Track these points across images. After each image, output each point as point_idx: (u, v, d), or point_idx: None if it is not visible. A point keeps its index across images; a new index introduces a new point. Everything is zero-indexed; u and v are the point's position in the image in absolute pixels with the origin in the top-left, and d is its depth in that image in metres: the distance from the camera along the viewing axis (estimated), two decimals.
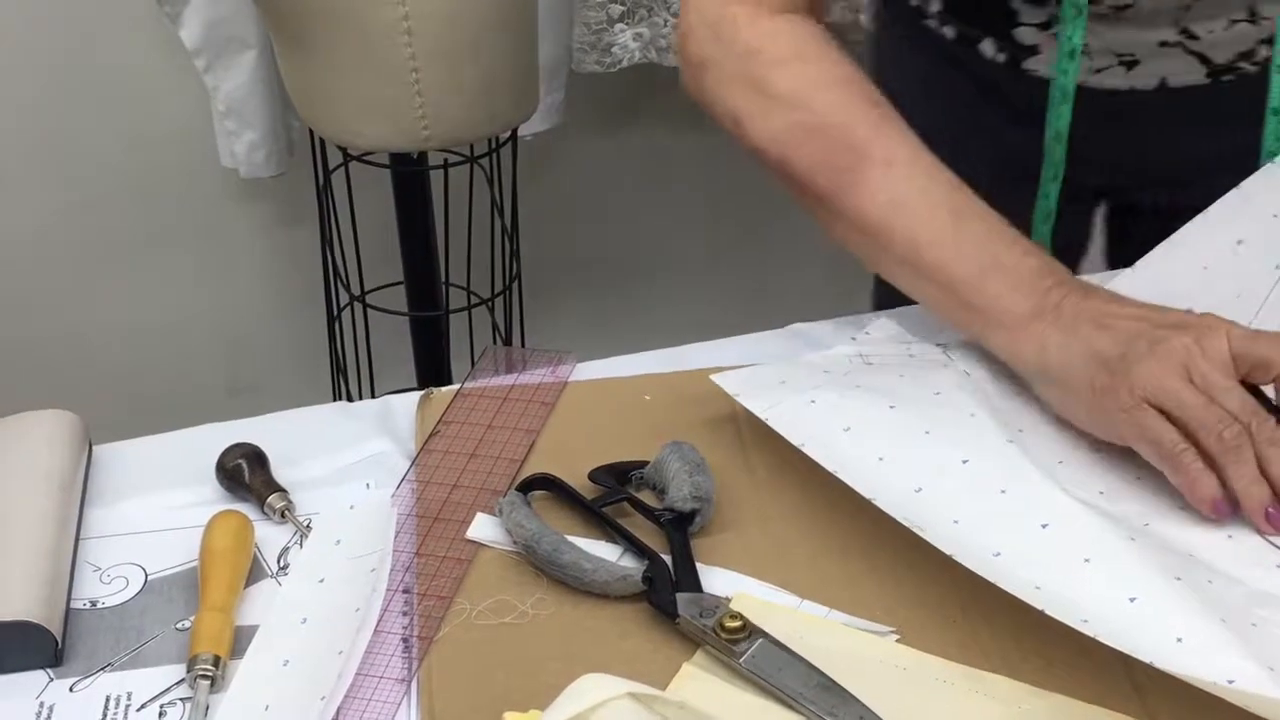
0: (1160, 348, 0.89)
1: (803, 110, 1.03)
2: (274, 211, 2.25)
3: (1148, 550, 0.84)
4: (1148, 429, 0.88)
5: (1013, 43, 1.21)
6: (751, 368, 1.01)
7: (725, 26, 1.06)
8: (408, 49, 1.67)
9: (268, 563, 0.93)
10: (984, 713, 0.80)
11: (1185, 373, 0.89)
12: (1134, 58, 1.18)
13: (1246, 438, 0.87)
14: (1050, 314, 0.94)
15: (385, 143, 1.80)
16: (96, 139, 2.13)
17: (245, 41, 1.97)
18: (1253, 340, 0.90)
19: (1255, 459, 0.87)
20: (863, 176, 1.00)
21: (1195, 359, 0.89)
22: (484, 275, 2.04)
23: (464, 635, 0.86)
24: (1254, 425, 0.87)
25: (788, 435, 0.94)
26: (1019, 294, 0.96)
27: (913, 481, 0.89)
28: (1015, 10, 1.19)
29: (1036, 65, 1.21)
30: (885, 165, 1.01)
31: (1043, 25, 1.19)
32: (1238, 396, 0.88)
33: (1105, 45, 1.18)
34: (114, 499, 0.98)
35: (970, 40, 1.23)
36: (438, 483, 0.97)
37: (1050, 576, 0.82)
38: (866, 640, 0.85)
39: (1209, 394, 0.88)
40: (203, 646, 0.84)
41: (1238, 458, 0.87)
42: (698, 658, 0.84)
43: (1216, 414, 0.87)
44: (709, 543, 0.91)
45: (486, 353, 1.10)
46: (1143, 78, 1.19)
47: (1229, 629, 0.78)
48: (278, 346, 2.34)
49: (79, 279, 2.22)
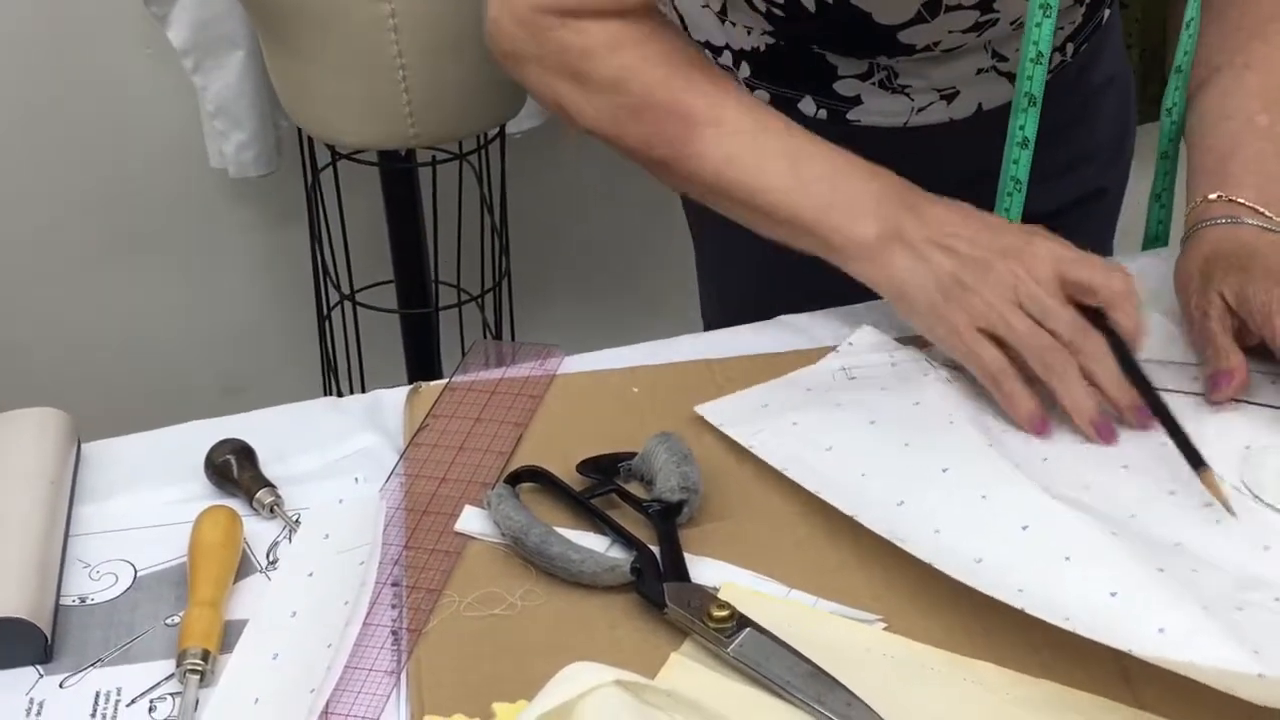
0: (991, 275, 0.95)
1: (625, 94, 1.05)
2: (263, 211, 2.25)
3: (1129, 544, 0.84)
4: (975, 354, 0.96)
5: (834, 96, 1.21)
6: (736, 394, 1.02)
7: (537, 26, 1.06)
8: (394, 46, 1.68)
9: (257, 558, 0.93)
10: (972, 700, 0.80)
11: (1014, 297, 0.95)
12: (954, 90, 1.21)
13: (1068, 358, 0.94)
14: (896, 238, 0.99)
15: (373, 141, 1.80)
16: (85, 139, 2.12)
17: (233, 41, 1.96)
18: (1078, 264, 0.95)
19: (1082, 375, 0.93)
20: (694, 141, 1.03)
21: (1025, 284, 0.95)
22: (474, 272, 2.04)
23: (453, 627, 0.86)
24: (1079, 341, 0.94)
25: (772, 462, 0.95)
26: (862, 223, 1.00)
27: (894, 495, 0.90)
28: (834, 65, 1.19)
29: (860, 115, 1.22)
30: (714, 125, 1.03)
31: (862, 76, 1.19)
32: (1066, 317, 0.94)
33: (928, 84, 1.20)
34: (103, 496, 0.98)
35: (787, 101, 1.23)
36: (426, 476, 0.97)
37: (1032, 578, 0.82)
38: (854, 628, 0.85)
39: (1037, 317, 0.94)
40: (192, 641, 0.84)
41: (1062, 376, 0.94)
42: (686, 647, 0.84)
43: (1040, 340, 0.94)
44: (697, 533, 0.91)
45: (475, 347, 1.10)
46: (961, 108, 1.22)
47: (1211, 616, 0.78)
48: (268, 346, 2.33)
49: (68, 279, 2.22)
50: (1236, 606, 0.81)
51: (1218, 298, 0.98)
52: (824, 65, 1.20)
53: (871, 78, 1.19)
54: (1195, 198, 1.06)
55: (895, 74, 1.19)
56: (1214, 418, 0.97)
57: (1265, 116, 1.07)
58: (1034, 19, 1.06)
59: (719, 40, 1.23)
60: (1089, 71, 1.29)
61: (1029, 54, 1.07)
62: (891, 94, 1.20)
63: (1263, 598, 0.82)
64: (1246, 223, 1.02)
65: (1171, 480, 0.91)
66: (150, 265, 2.25)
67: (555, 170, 2.29)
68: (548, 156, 2.25)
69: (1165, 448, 0.93)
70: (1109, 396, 0.95)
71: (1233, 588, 0.83)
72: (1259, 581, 0.84)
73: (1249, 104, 1.08)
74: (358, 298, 2.03)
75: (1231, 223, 1.02)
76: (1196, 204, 1.06)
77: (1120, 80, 1.34)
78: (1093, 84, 1.30)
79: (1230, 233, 1.02)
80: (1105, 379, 0.94)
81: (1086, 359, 0.94)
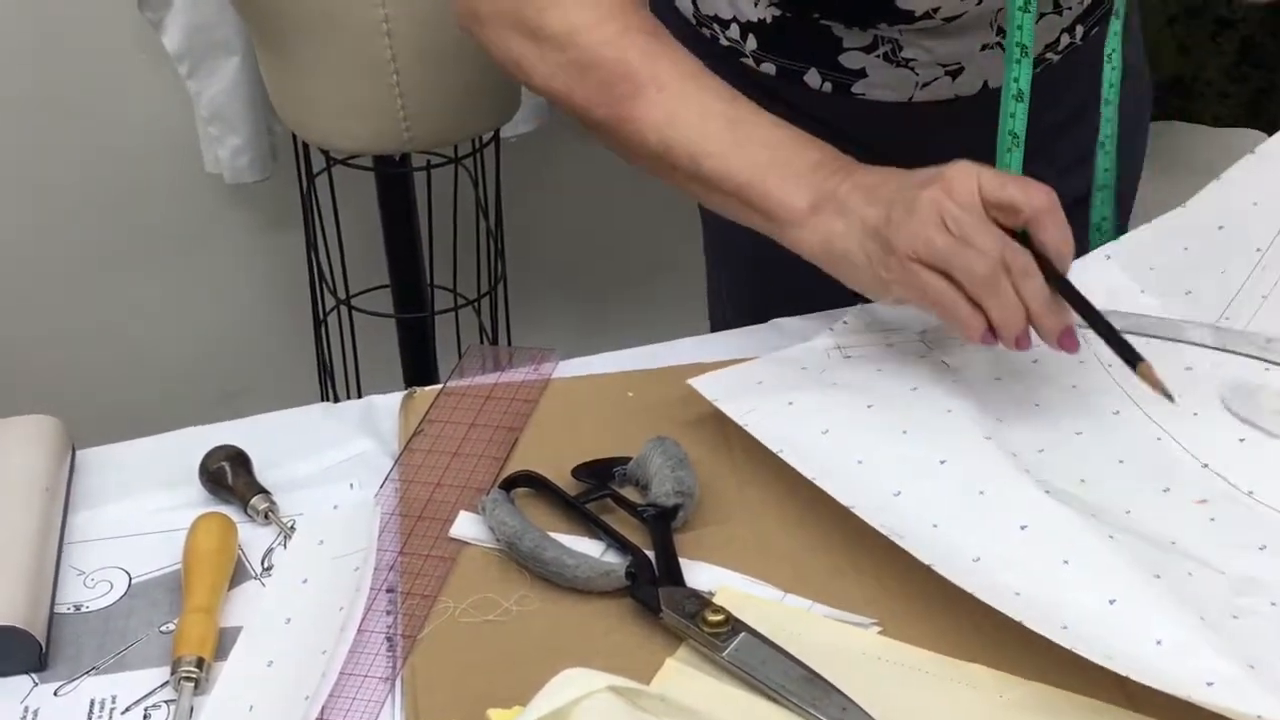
0: (916, 204, 0.93)
1: (574, 49, 1.04)
2: (258, 217, 2.25)
3: (1127, 548, 0.84)
4: (916, 284, 0.93)
5: (839, 69, 1.21)
6: (729, 368, 1.01)
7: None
8: (388, 51, 1.67)
9: (251, 564, 0.93)
10: (966, 702, 0.80)
11: (940, 221, 0.93)
12: (959, 66, 1.20)
13: (1000, 270, 0.91)
14: (829, 203, 0.97)
15: (367, 145, 1.80)
16: (80, 144, 2.12)
17: (228, 47, 1.96)
18: (1000, 184, 0.94)
19: (1012, 290, 0.92)
20: (637, 102, 1.03)
21: (947, 206, 0.93)
22: (469, 276, 2.04)
23: (448, 633, 0.86)
24: (1007, 257, 0.92)
25: (766, 441, 0.94)
26: (799, 189, 0.98)
27: (891, 485, 0.90)
28: (839, 38, 1.19)
29: (865, 89, 1.22)
30: (658, 88, 1.03)
31: (867, 48, 1.19)
32: (990, 235, 0.92)
33: (932, 58, 1.20)
34: (97, 503, 0.98)
35: (793, 74, 1.23)
36: (421, 482, 0.97)
37: (1029, 581, 0.82)
38: (849, 632, 0.85)
39: (963, 237, 0.92)
40: (187, 649, 0.84)
41: (993, 290, 0.91)
42: (681, 652, 0.84)
43: (970, 255, 0.92)
44: (692, 538, 0.91)
45: (470, 351, 1.10)
46: (967, 84, 1.22)
47: (1208, 626, 0.78)
48: (264, 352, 2.33)
49: (64, 285, 2.22)
50: (1233, 614, 0.81)
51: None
52: (829, 37, 1.20)
53: (876, 50, 1.19)
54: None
55: (900, 46, 1.19)
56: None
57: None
58: (1014, 20, 1.07)
59: (726, 13, 1.23)
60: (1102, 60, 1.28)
61: (1017, 3, 1.07)
62: (896, 67, 1.20)
63: (1258, 602, 0.82)
64: None
65: (1166, 477, 0.92)
66: (145, 270, 2.24)
67: (550, 174, 2.29)
68: (543, 160, 2.25)
69: (1160, 442, 0.93)
70: (1035, 315, 0.92)
71: (1228, 592, 0.83)
72: (1255, 584, 0.84)
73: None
74: (353, 302, 2.03)
75: None
76: None
77: (1134, 71, 1.34)
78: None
79: None
80: (1032, 296, 0.92)
81: (1014, 276, 0.92)
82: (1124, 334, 0.94)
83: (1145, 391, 0.93)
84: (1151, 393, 0.92)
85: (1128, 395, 0.98)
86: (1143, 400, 0.97)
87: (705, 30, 1.28)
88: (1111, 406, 0.97)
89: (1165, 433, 0.96)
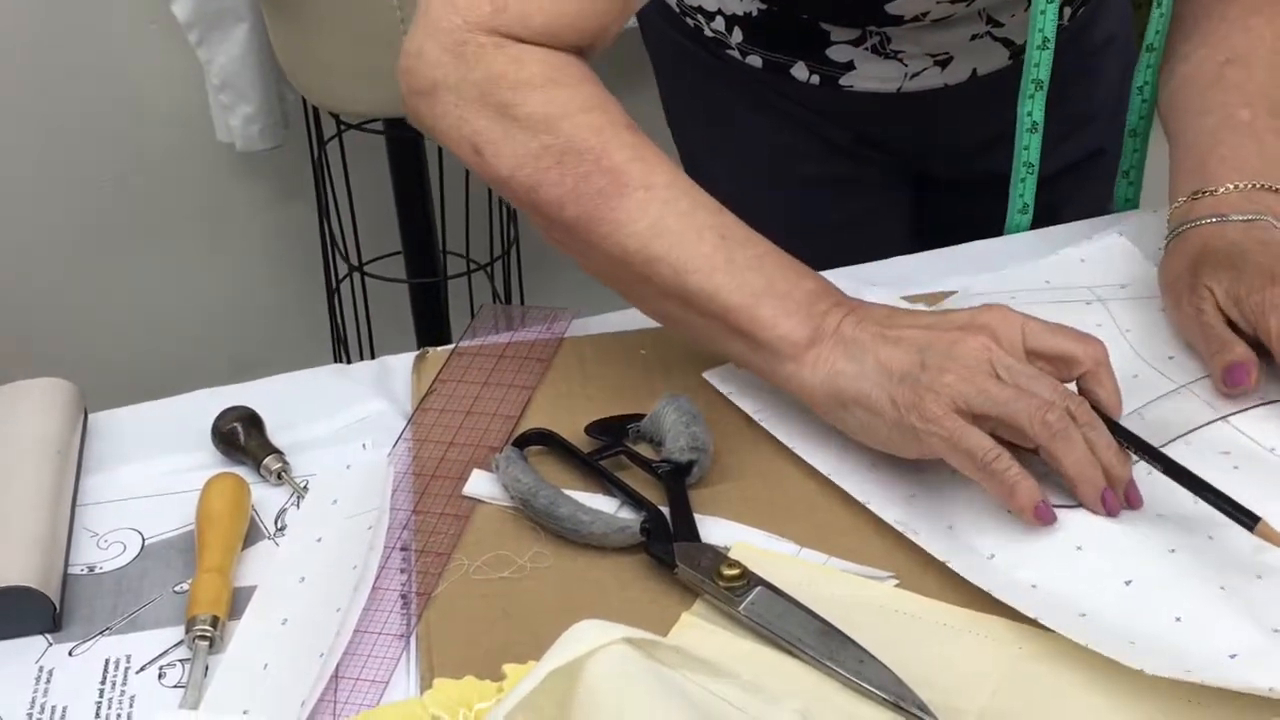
0: (958, 349, 0.85)
1: (551, 134, 0.93)
2: (270, 185, 2.25)
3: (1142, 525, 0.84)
4: (959, 438, 0.84)
5: (826, 62, 1.20)
6: None
7: (468, 49, 0.94)
8: (398, 12, 1.67)
9: (265, 524, 0.93)
10: (983, 654, 0.80)
11: (990, 369, 0.85)
12: (948, 55, 1.19)
13: (1070, 419, 0.84)
14: (830, 338, 0.89)
15: (379, 109, 1.80)
16: (91, 115, 2.12)
17: (237, 14, 1.96)
18: (1049, 333, 0.87)
19: (1084, 441, 0.84)
20: (619, 202, 0.92)
21: (996, 354, 0.85)
22: (482, 241, 2.04)
23: (462, 590, 0.86)
24: (1072, 408, 0.84)
25: (779, 436, 0.94)
26: (795, 320, 0.90)
27: (905, 488, 0.89)
28: (826, 31, 1.18)
29: (853, 81, 1.21)
30: (644, 189, 0.92)
31: (855, 41, 1.18)
32: (1050, 385, 0.85)
33: (921, 50, 1.19)
34: (111, 465, 0.98)
35: (780, 66, 1.21)
36: (434, 441, 0.97)
37: (1044, 574, 0.83)
38: (866, 585, 0.84)
39: (1022, 387, 0.84)
40: (201, 608, 0.84)
41: (1066, 439, 0.83)
42: (697, 607, 0.83)
43: (1035, 401, 0.83)
44: (707, 493, 0.91)
45: (483, 311, 1.09)
46: (956, 73, 1.21)
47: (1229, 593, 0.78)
48: (278, 319, 2.33)
49: (78, 253, 2.22)
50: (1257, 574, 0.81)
51: (1209, 293, 0.95)
52: (816, 31, 1.19)
53: (864, 43, 1.18)
54: (1178, 197, 1.02)
55: (888, 39, 1.18)
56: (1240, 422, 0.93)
57: (1246, 111, 1.03)
58: (1039, 6, 1.06)
59: (711, 5, 1.22)
60: (1088, 30, 1.27)
61: (1035, 41, 1.06)
62: (884, 59, 1.19)
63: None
64: (1232, 219, 0.98)
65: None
66: (158, 239, 2.24)
67: None
68: None
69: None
70: (1107, 466, 0.85)
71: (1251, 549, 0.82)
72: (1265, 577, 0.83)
73: (1229, 98, 1.04)
74: (366, 269, 2.03)
75: (1219, 221, 0.98)
76: (1180, 204, 1.01)
77: (1120, 40, 1.33)
78: (1092, 43, 1.29)
79: (1218, 231, 0.98)
80: (1104, 446, 0.84)
81: (1082, 428, 0.84)
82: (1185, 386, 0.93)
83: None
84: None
85: (1139, 357, 0.98)
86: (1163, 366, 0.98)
87: (689, 20, 1.27)
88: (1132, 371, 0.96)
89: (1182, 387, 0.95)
